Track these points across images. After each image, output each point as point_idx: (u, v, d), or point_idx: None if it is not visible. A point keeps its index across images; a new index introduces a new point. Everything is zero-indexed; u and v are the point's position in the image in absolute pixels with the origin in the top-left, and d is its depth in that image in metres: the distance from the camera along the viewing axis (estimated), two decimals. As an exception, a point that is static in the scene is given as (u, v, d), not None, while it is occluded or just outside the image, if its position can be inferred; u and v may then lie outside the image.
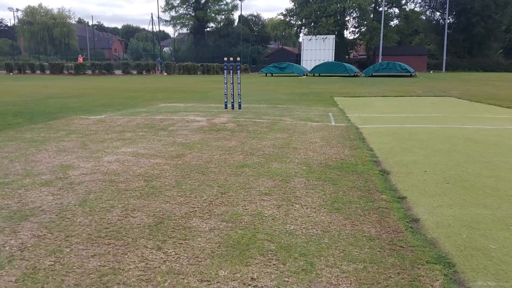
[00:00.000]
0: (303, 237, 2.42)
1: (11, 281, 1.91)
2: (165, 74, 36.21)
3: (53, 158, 4.42)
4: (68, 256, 2.16)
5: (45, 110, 8.98)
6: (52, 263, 2.08)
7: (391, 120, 7.56)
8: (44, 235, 2.43)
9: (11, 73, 35.63)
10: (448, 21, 50.19)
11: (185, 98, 12.66)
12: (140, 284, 1.89)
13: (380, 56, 44.71)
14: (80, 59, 39.53)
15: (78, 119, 7.53)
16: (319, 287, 1.88)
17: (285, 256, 2.17)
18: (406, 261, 2.12)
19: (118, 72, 36.29)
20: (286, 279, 1.95)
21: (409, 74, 31.69)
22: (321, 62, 38.73)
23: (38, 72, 36.51)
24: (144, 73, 36.42)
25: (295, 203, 3.01)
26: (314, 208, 2.91)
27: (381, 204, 2.98)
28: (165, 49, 59.79)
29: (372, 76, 31.84)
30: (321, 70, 34.22)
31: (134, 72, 36.66)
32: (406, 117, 7.98)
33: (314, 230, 2.52)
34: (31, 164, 4.15)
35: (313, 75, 33.85)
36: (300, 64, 42.11)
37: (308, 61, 46.01)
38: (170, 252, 2.21)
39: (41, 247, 2.26)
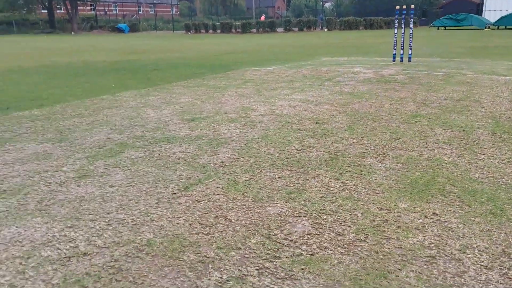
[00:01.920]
0: (490, 185, 2.26)
1: (219, 187, 2.33)
2: (326, 30, 35.85)
3: (235, 101, 4.99)
4: (259, 175, 2.49)
5: (222, 63, 10.00)
6: (248, 179, 2.45)
7: None
8: (238, 158, 2.84)
9: (189, 33, 40.25)
10: None
11: (347, 52, 12.43)
12: (324, 203, 2.08)
13: None
14: (263, 18, 41.86)
15: (250, 71, 8.20)
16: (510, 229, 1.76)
17: (470, 200, 2.08)
18: None
19: (280, 29, 37.45)
20: (472, 219, 1.88)
21: None
22: (509, 12, 32.63)
23: (210, 31, 40.34)
24: (304, 29, 36.75)
25: (480, 153, 2.79)
26: (503, 160, 2.65)
27: None
28: (327, 4, 58.61)
29: None
30: (509, 21, 28.92)
31: (295, 29, 37.29)
32: None
33: (504, 180, 2.32)
34: (219, 105, 4.77)
35: (498, 28, 28.93)
36: (481, 15, 36.39)
37: (492, 11, 39.18)
38: (347, 183, 2.35)
39: (237, 167, 2.66)
